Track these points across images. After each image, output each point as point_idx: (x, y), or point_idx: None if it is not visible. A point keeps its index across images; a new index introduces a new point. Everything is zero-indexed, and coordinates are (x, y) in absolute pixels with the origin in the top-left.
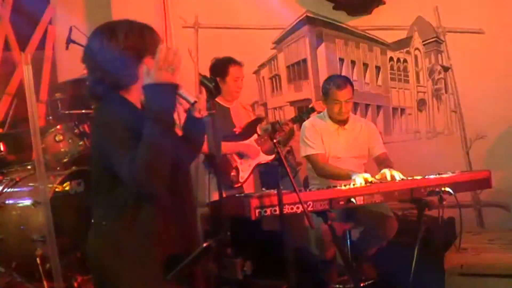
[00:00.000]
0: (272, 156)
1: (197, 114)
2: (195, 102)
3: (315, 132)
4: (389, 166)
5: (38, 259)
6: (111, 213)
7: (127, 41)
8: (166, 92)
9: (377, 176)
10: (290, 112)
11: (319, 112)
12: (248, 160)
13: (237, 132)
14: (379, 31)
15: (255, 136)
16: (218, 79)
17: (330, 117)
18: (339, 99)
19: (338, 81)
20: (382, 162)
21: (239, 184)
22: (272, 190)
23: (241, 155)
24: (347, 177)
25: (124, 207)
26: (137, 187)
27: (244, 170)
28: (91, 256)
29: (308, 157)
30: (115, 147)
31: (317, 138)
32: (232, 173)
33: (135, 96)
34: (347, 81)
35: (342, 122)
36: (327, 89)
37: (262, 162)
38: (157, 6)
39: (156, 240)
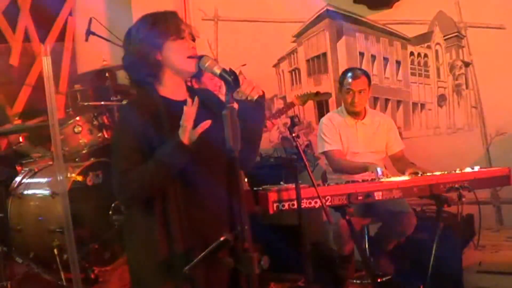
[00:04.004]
0: None
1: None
2: (221, 73)
3: (333, 127)
4: (407, 164)
5: (55, 250)
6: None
7: (138, 33)
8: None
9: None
10: (309, 106)
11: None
12: None
13: None
14: (399, 25)
15: None
16: (193, 78)
17: (347, 111)
18: (352, 88)
19: (353, 71)
20: (398, 160)
21: None
22: (290, 184)
23: None
24: (363, 170)
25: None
26: (119, 198)
27: None
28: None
29: (324, 153)
30: (115, 154)
31: (335, 134)
32: None
33: (170, 85)
34: (363, 72)
35: (357, 115)
36: (342, 79)
37: None
38: None
39: (171, 231)
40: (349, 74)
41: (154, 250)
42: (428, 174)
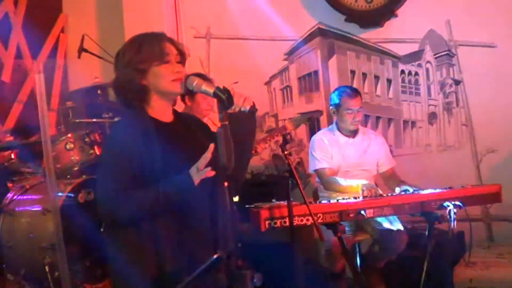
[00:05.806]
0: None
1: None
2: (215, 91)
3: (324, 145)
4: (398, 181)
5: (47, 267)
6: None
7: (124, 58)
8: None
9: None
10: None
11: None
12: None
13: None
14: (390, 43)
15: None
16: (187, 97)
17: (339, 129)
18: (352, 107)
19: (348, 90)
20: (389, 177)
21: None
22: (282, 202)
23: None
24: (355, 189)
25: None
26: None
27: None
28: None
29: (316, 172)
30: (101, 171)
31: (326, 152)
32: None
33: (157, 108)
34: (354, 89)
35: (352, 134)
36: (338, 100)
37: None
38: (169, 17)
39: (155, 250)
40: (345, 94)
41: (141, 269)
42: (419, 191)
